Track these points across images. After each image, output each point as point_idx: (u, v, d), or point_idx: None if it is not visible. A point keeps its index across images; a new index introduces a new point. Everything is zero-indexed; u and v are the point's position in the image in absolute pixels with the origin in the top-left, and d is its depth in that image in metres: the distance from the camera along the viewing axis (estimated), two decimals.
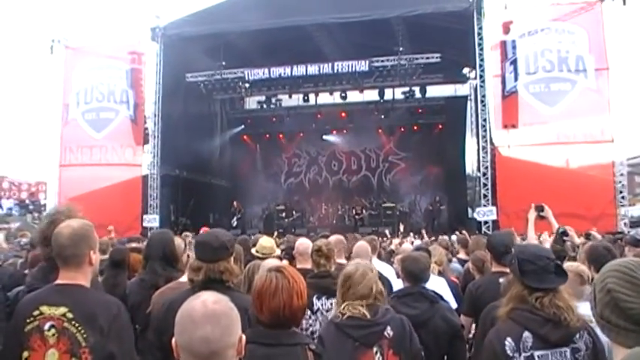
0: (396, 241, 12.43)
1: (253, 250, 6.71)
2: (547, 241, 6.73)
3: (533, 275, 3.41)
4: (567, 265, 4.84)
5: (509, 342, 3.35)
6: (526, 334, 3.33)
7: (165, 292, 4.53)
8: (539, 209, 7.53)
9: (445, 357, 4.72)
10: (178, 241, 5.95)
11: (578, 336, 3.30)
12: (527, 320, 3.37)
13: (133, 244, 8.48)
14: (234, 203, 29.28)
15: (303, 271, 4.01)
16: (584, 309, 3.67)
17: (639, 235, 7.78)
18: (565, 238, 7.04)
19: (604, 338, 2.81)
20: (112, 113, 25.64)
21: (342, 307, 3.89)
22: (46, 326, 3.21)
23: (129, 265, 6.44)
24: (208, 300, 2.10)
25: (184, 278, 4.53)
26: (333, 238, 7.02)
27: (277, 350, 3.04)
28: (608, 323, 2.20)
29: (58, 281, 3.38)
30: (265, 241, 6.79)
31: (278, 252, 6.89)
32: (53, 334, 3.20)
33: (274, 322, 3.06)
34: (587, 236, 10.40)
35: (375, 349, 3.84)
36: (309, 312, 4.76)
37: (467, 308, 5.73)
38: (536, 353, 3.30)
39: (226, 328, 2.08)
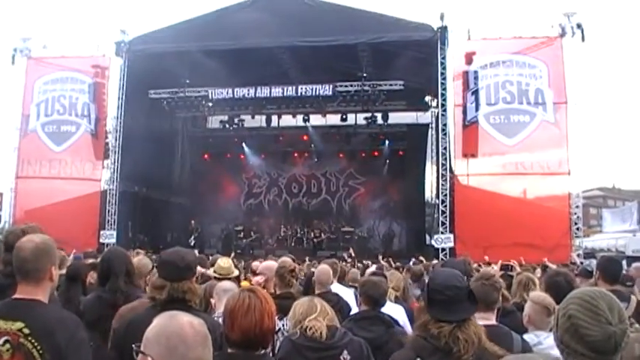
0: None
1: (211, 271, 6.69)
2: (497, 273, 6.85)
3: (440, 306, 3.35)
4: (535, 296, 4.93)
5: None
6: None
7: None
8: (507, 269, 7.48)
9: None
10: (146, 260, 5.92)
11: None
12: (420, 347, 3.35)
13: (90, 260, 8.38)
14: (192, 222, 29.09)
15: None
16: (551, 340, 3.73)
17: (590, 267, 7.93)
18: (510, 273, 7.17)
19: None
20: (72, 127, 25.38)
21: (307, 323, 3.91)
22: (1, 341, 3.16)
23: (84, 282, 6.38)
24: (194, 322, 2.13)
25: None
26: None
27: None
28: (567, 348, 2.29)
29: (16, 295, 3.33)
30: (223, 262, 6.78)
31: (236, 273, 6.87)
32: (8, 350, 3.15)
33: (245, 342, 3.07)
34: (544, 268, 10.61)
35: None
36: None
37: None
38: None
39: (210, 350, 2.14)
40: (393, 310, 5.69)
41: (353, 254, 19.57)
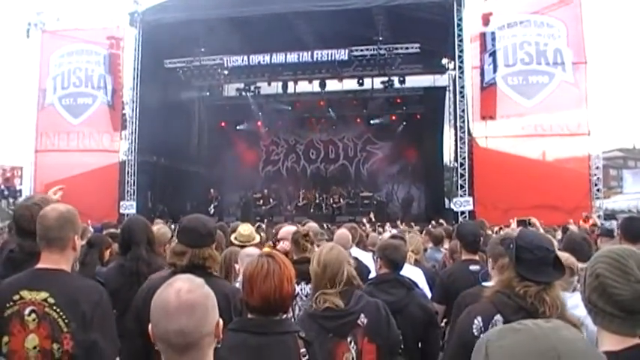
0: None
1: (232, 237, 6.69)
2: (515, 231, 6.76)
3: (528, 265, 3.27)
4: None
5: (477, 321, 3.33)
6: (497, 317, 3.27)
7: None
8: (525, 224, 7.23)
9: (419, 343, 4.76)
10: (165, 229, 5.94)
11: None
12: (502, 304, 3.30)
13: (111, 230, 8.44)
14: (212, 191, 29.19)
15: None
16: (574, 300, 3.68)
17: (611, 227, 7.84)
18: (529, 227, 7.04)
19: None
20: (89, 99, 25.47)
21: (317, 296, 3.90)
22: (27, 311, 3.18)
23: (102, 252, 6.43)
24: (183, 289, 2.06)
25: None
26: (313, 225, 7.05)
27: (269, 339, 3.05)
28: (594, 307, 2.25)
29: (40, 265, 3.33)
30: (244, 229, 6.76)
31: (257, 239, 6.85)
32: (34, 319, 3.17)
33: (264, 307, 3.06)
34: (565, 230, 10.55)
35: (349, 339, 3.85)
36: None
37: (438, 296, 5.81)
38: None
39: (201, 319, 2.06)
40: (412, 273, 5.68)
41: (373, 219, 19.57)
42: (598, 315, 2.25)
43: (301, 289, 5.03)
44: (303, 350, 3.06)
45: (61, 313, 3.18)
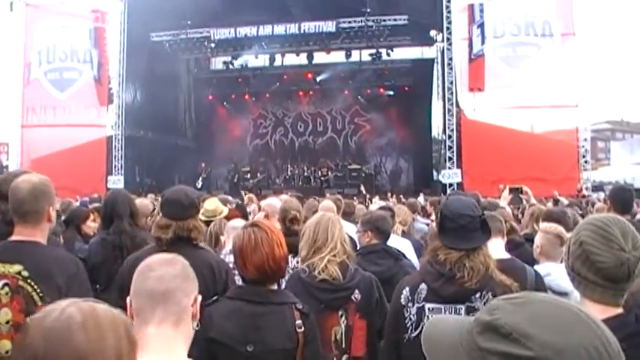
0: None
1: (200, 214, 6.61)
2: (506, 199, 6.70)
3: (451, 233, 3.29)
4: (547, 226, 4.85)
5: (405, 292, 3.35)
6: (422, 285, 3.29)
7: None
8: (517, 191, 7.09)
9: None
10: (146, 202, 5.88)
11: (478, 295, 3.18)
12: (426, 272, 3.33)
13: (96, 205, 8.39)
14: (202, 164, 29.14)
15: None
16: (562, 270, 3.68)
17: (599, 198, 7.83)
18: (521, 195, 6.96)
19: None
20: (75, 73, 25.23)
21: (318, 265, 3.86)
22: (0, 285, 3.13)
23: (78, 225, 6.39)
24: (167, 255, 2.13)
25: None
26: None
27: (265, 308, 3.04)
28: (578, 276, 2.23)
29: (14, 237, 3.25)
30: (209, 204, 6.61)
31: (225, 212, 6.73)
32: (7, 293, 3.11)
33: (261, 277, 3.06)
34: (556, 202, 10.52)
35: (340, 312, 3.84)
36: None
37: None
38: (428, 305, 3.25)
39: (182, 273, 2.09)
40: (400, 244, 5.65)
41: (364, 191, 19.59)
42: (581, 284, 2.23)
43: (289, 262, 5.00)
44: (299, 322, 3.04)
45: (35, 287, 3.12)
